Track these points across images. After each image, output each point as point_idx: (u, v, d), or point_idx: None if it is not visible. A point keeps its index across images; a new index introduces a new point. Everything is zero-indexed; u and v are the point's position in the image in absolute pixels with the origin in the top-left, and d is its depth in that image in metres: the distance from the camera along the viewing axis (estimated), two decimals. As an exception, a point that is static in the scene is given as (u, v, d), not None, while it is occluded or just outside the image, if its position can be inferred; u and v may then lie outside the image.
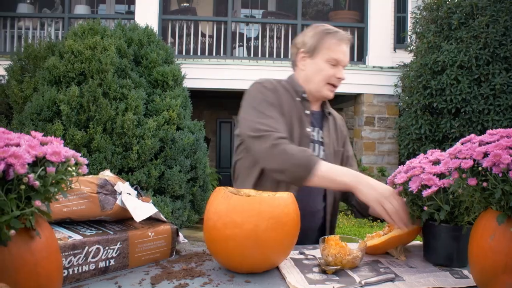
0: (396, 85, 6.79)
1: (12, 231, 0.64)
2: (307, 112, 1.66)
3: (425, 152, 1.39)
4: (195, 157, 5.08)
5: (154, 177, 4.59)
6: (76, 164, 0.77)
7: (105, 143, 4.27)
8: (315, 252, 1.40)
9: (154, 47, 5.15)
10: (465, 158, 1.01)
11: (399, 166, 1.41)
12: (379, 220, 5.67)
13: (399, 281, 1.16)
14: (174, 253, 1.30)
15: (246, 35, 7.94)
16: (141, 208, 1.19)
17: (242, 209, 1.12)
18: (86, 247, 1.07)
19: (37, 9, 8.42)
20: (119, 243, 1.14)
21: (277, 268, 1.22)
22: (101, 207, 1.16)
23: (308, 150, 1.47)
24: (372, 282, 1.14)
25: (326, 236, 1.30)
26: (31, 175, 0.65)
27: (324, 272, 1.20)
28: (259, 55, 7.46)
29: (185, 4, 9.19)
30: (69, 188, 0.76)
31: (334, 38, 1.62)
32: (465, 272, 1.24)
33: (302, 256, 1.35)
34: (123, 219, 1.26)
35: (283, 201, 1.17)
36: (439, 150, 1.33)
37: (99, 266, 1.10)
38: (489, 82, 5.31)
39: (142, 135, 4.54)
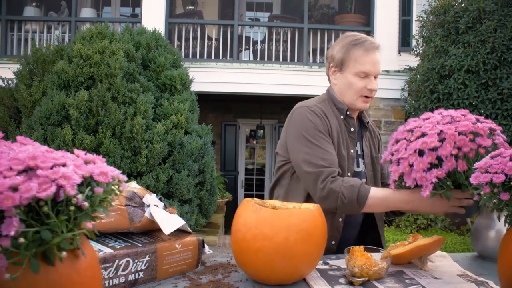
0: (402, 89, 6.78)
1: (64, 253, 0.64)
2: (352, 129, 1.66)
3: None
4: (203, 161, 5.09)
5: (163, 182, 4.59)
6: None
7: (114, 147, 4.28)
8: (339, 263, 1.40)
9: (162, 51, 5.16)
10: (496, 172, 1.01)
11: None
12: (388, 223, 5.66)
13: (426, 293, 1.16)
14: (199, 265, 1.30)
15: (253, 39, 7.94)
16: (169, 221, 1.19)
17: (272, 222, 1.12)
18: (117, 260, 1.07)
19: (43, 12, 8.44)
20: (147, 256, 1.14)
21: (304, 279, 1.22)
22: (129, 220, 1.16)
23: (356, 183, 1.48)
24: (401, 294, 1.14)
25: (350, 247, 1.29)
26: (80, 196, 0.66)
27: (351, 283, 1.20)
28: (266, 59, 7.46)
29: (190, 7, 9.21)
30: (110, 206, 0.76)
31: (360, 49, 1.59)
32: (491, 283, 1.24)
33: (326, 267, 1.35)
34: (150, 231, 1.26)
35: (312, 214, 1.17)
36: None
37: (129, 279, 1.11)
38: (496, 87, 5.31)
39: (150, 140, 4.54)
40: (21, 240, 0.59)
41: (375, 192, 1.47)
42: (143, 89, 4.75)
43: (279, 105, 9.25)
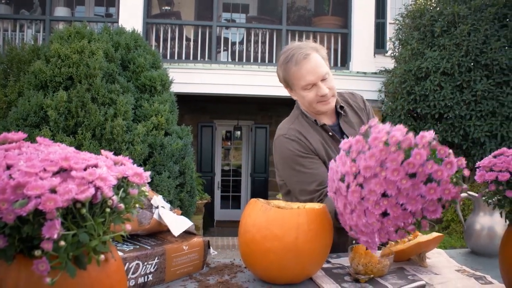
0: (380, 91, 6.90)
1: (102, 256, 0.63)
2: (331, 134, 1.68)
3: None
4: (183, 163, 5.04)
5: (144, 183, 4.53)
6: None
7: (94, 149, 4.20)
8: (341, 261, 1.42)
9: (141, 52, 5.08)
10: (500, 171, 1.05)
11: None
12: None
13: (430, 288, 1.19)
14: (204, 266, 1.29)
15: (231, 40, 7.94)
16: (177, 222, 1.18)
17: (282, 222, 1.13)
18: (127, 263, 1.06)
19: (12, 9, 8.19)
20: (156, 258, 1.13)
21: (311, 278, 1.24)
22: (138, 222, 1.14)
23: (332, 206, 1.40)
24: (406, 290, 1.17)
25: (353, 245, 1.31)
26: (115, 198, 0.65)
27: (357, 281, 1.23)
28: (244, 60, 7.47)
29: (166, 8, 9.12)
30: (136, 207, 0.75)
31: (292, 65, 1.58)
32: (489, 277, 1.28)
33: (329, 265, 1.37)
34: (156, 233, 1.25)
35: (319, 213, 1.18)
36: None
37: (138, 282, 1.09)
38: (470, 89, 5.47)
39: (131, 141, 4.47)
40: (62, 243, 0.58)
41: None
42: (123, 90, 4.67)
43: (256, 106, 9.27)
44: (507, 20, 5.64)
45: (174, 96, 5.37)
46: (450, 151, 0.97)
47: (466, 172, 0.97)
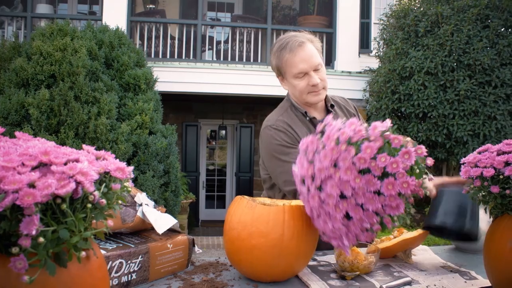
0: (364, 90, 6.95)
1: (83, 253, 0.61)
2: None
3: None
4: (168, 162, 5.00)
5: (128, 183, 4.48)
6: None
7: (77, 148, 4.13)
8: (327, 258, 1.41)
9: (125, 50, 5.02)
10: (485, 167, 1.05)
11: None
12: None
13: (416, 284, 1.19)
14: (189, 264, 1.28)
15: (216, 39, 7.90)
16: (161, 220, 1.16)
17: (268, 219, 1.12)
18: (110, 262, 1.04)
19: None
20: (140, 256, 1.11)
21: (297, 276, 1.23)
22: (122, 220, 1.12)
23: None
24: (392, 286, 1.16)
25: (339, 243, 1.31)
26: (97, 193, 0.63)
27: (343, 278, 1.22)
28: (229, 59, 7.45)
29: (150, 6, 9.05)
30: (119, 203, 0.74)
31: (286, 52, 1.59)
32: (473, 273, 1.29)
33: (315, 263, 1.36)
34: (140, 231, 1.23)
35: (305, 211, 1.17)
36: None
37: (122, 281, 1.07)
38: (454, 88, 5.54)
39: (115, 140, 4.42)
40: (41, 239, 0.56)
41: None
42: (106, 89, 4.62)
43: (240, 106, 9.25)
44: (489, 21, 5.73)
45: (158, 95, 5.33)
46: (408, 139, 0.92)
47: (430, 161, 0.93)
